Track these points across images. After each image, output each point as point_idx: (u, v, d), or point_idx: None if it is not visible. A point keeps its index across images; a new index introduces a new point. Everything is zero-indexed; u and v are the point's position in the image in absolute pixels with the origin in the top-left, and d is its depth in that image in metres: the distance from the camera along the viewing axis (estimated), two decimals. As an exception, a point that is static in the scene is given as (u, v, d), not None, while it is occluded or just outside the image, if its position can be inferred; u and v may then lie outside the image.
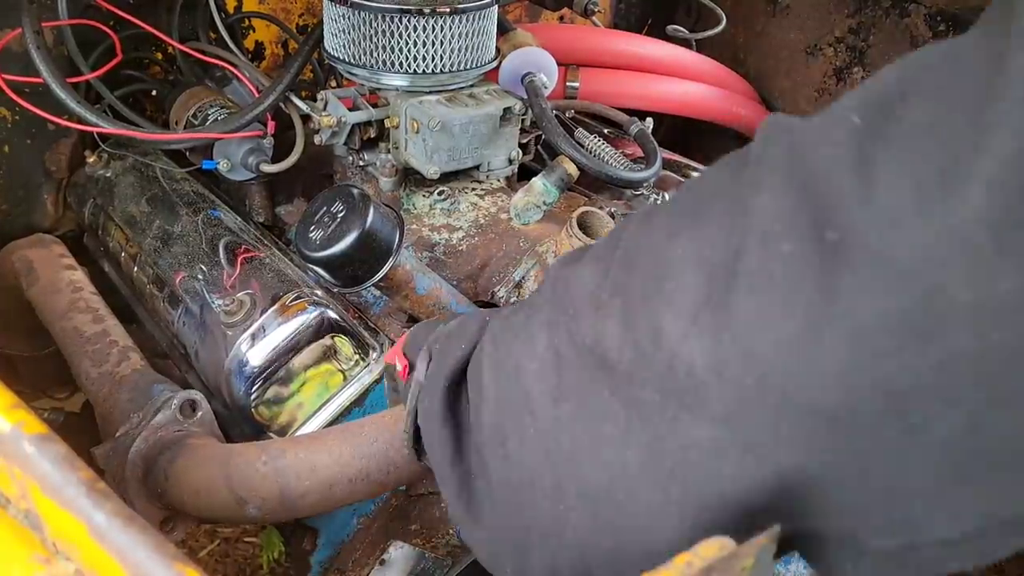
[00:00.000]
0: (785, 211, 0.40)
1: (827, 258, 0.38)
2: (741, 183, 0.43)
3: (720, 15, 1.49)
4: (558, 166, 1.06)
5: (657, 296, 0.44)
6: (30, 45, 1.02)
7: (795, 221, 0.39)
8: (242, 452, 0.72)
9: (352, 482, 0.69)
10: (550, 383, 0.49)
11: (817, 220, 0.38)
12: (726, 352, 0.41)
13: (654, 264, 0.45)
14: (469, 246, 1.06)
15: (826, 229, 0.38)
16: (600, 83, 1.47)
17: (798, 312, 0.38)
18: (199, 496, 0.71)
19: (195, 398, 0.74)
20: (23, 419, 0.46)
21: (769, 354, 0.39)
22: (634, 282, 0.46)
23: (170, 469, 0.72)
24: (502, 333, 0.54)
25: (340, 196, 0.93)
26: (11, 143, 1.20)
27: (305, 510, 0.71)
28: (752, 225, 0.41)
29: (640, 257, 0.46)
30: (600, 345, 0.46)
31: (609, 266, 0.48)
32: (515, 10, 1.67)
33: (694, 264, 0.43)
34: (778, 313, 0.39)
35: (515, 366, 0.51)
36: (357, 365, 0.90)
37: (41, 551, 0.44)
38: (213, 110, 1.17)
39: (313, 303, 0.90)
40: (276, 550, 0.98)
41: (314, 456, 0.70)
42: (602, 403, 0.46)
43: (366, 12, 1.03)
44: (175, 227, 1.08)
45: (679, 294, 0.43)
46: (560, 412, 0.48)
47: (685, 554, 0.37)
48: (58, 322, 0.99)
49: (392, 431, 0.69)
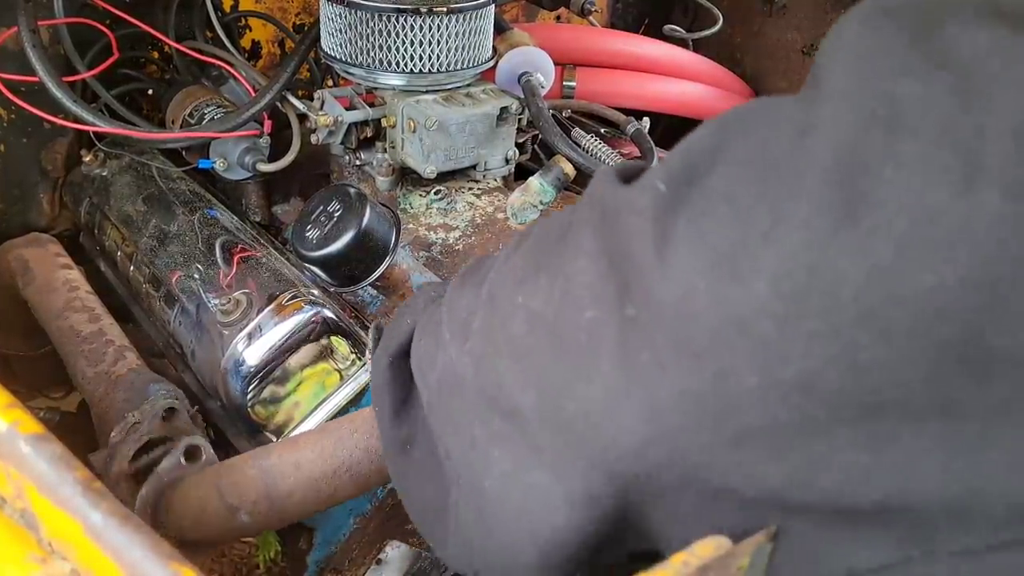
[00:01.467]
0: (594, 279, 0.41)
1: (626, 333, 0.39)
2: (566, 242, 0.45)
3: (717, 15, 1.49)
4: (555, 166, 1.06)
5: (501, 341, 0.46)
6: (26, 44, 1.02)
7: (601, 291, 0.41)
8: (231, 461, 0.73)
9: (336, 474, 0.70)
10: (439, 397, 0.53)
11: (620, 292, 0.40)
12: (546, 407, 0.43)
13: (503, 307, 0.48)
14: (466, 245, 1.06)
15: (627, 304, 0.39)
16: (597, 83, 1.47)
17: (597, 383, 0.40)
18: (196, 516, 0.71)
19: (198, 444, 0.74)
20: (19, 418, 0.46)
21: (577, 417, 0.41)
22: (489, 321, 0.49)
23: (170, 501, 0.73)
24: (419, 334, 0.57)
25: (337, 195, 0.93)
26: (7, 142, 1.19)
27: (295, 510, 0.71)
28: (567, 288, 0.43)
29: (496, 297, 0.49)
30: (464, 378, 0.49)
31: (477, 299, 0.51)
32: (512, 10, 1.67)
33: (524, 316, 0.45)
34: (582, 380, 0.41)
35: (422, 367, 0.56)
36: (354, 364, 0.90)
37: (37, 551, 0.44)
38: (209, 109, 1.17)
39: (310, 302, 0.90)
40: (272, 550, 0.98)
41: (297, 453, 0.71)
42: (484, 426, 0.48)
43: (363, 11, 1.03)
44: (171, 226, 1.07)
45: (513, 343, 0.45)
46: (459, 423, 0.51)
47: (682, 553, 0.38)
48: (54, 321, 0.99)
49: (370, 422, 0.70)
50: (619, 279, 0.40)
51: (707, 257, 0.37)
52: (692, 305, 0.37)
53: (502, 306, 0.48)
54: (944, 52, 0.34)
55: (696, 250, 0.37)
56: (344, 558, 0.89)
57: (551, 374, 0.43)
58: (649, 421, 0.38)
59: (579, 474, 0.42)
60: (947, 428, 0.34)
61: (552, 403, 0.42)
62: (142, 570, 0.40)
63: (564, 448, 0.42)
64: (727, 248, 0.36)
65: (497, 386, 0.46)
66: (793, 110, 0.39)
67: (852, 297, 0.33)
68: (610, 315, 0.40)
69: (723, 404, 0.36)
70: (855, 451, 0.35)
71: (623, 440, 0.39)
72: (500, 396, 0.46)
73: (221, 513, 0.70)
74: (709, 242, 0.37)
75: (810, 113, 0.37)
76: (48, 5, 1.10)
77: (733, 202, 0.37)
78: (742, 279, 0.35)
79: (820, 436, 0.35)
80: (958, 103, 0.33)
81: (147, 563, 0.40)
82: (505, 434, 0.46)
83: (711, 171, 0.39)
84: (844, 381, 0.34)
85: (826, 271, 0.33)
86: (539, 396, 0.43)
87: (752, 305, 0.35)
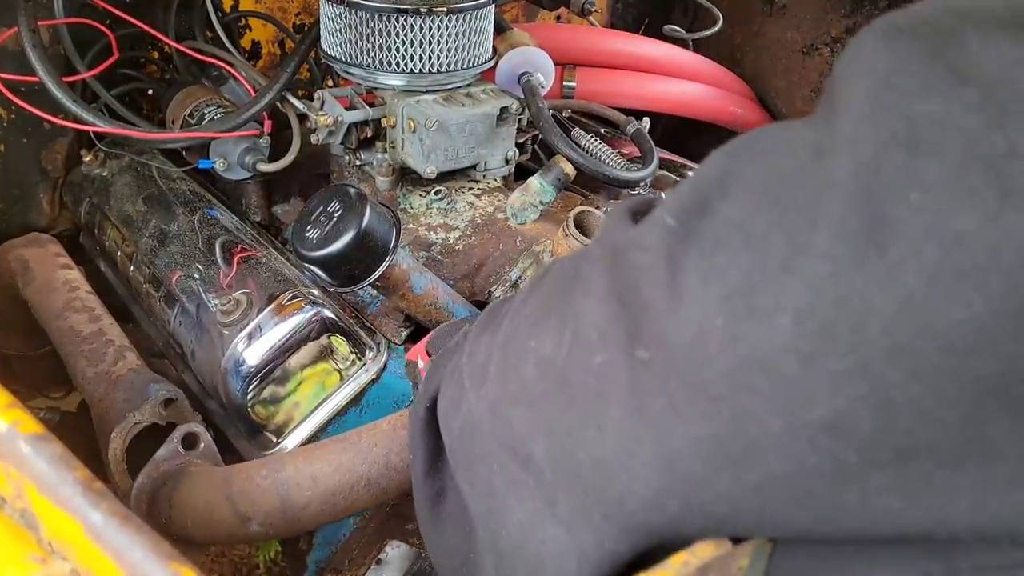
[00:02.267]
0: (603, 321, 0.39)
1: (638, 377, 0.37)
2: (576, 283, 0.43)
3: (717, 15, 1.49)
4: (555, 166, 1.06)
5: (514, 386, 0.45)
6: (26, 44, 1.02)
7: (610, 333, 0.39)
8: (242, 469, 0.72)
9: (353, 489, 0.69)
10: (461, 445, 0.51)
11: (631, 333, 0.38)
12: (557, 456, 0.41)
13: (516, 352, 0.46)
14: (466, 245, 1.06)
15: (638, 346, 0.37)
16: (597, 83, 1.47)
17: (608, 431, 0.38)
18: (202, 519, 0.70)
19: (196, 431, 0.74)
20: (19, 419, 0.46)
21: (589, 466, 0.39)
22: (503, 366, 0.47)
23: (173, 497, 0.72)
24: (445, 384, 0.56)
25: (337, 195, 0.93)
26: (7, 142, 1.19)
27: (308, 522, 0.70)
28: (577, 331, 0.41)
29: (510, 341, 0.48)
30: (481, 424, 0.48)
31: (494, 344, 0.49)
32: (512, 10, 1.67)
33: (535, 361, 0.44)
34: (593, 428, 0.39)
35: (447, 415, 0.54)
36: (353, 365, 0.90)
37: (37, 551, 0.44)
38: (209, 109, 1.17)
39: (310, 302, 0.90)
40: (272, 550, 0.98)
41: (314, 466, 0.70)
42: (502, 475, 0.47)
43: (363, 11, 1.03)
44: (171, 226, 1.07)
45: (525, 389, 0.44)
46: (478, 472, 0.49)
47: (682, 553, 0.38)
48: (54, 321, 0.99)
49: (390, 437, 0.70)
50: (629, 320, 0.38)
51: (722, 292, 0.35)
52: (708, 345, 0.35)
53: (515, 351, 0.46)
54: (966, 68, 0.32)
55: (710, 285, 0.35)
56: (344, 558, 0.89)
57: (561, 421, 0.41)
58: (664, 470, 0.36)
59: (592, 528, 0.40)
60: (982, 469, 0.32)
61: (563, 452, 0.41)
62: (142, 570, 0.40)
63: (577, 500, 0.41)
64: (743, 282, 0.34)
65: (511, 433, 0.45)
66: (807, 132, 0.37)
67: (882, 332, 0.31)
68: (620, 358, 0.38)
69: (744, 450, 0.34)
70: (887, 496, 0.33)
71: (637, 490, 0.37)
72: (515, 443, 0.44)
73: (231, 521, 0.69)
74: (723, 276, 0.35)
75: (826, 134, 0.35)
76: (48, 5, 1.10)
77: (747, 231, 0.35)
78: (761, 315, 0.33)
79: (851, 482, 0.34)
80: (984, 120, 0.31)
81: (147, 563, 0.40)
82: (521, 482, 0.44)
83: (722, 200, 0.37)
84: (876, 422, 0.32)
85: (853, 305, 0.32)
86: (549, 444, 0.42)
87: (774, 343, 0.33)
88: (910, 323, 0.31)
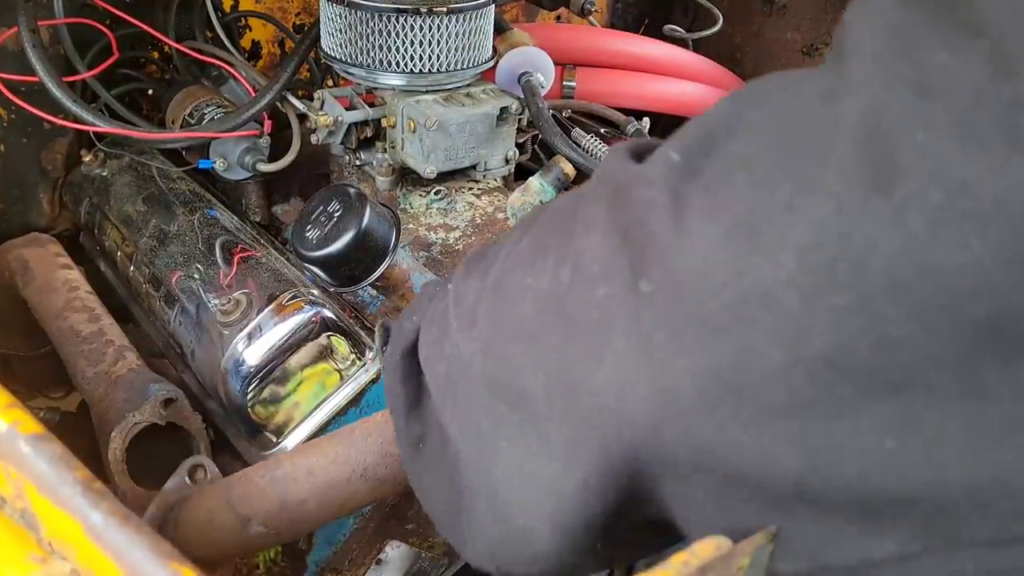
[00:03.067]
0: (605, 254, 0.40)
1: (641, 309, 0.37)
2: (576, 220, 0.43)
3: (717, 15, 1.49)
4: (555, 166, 1.06)
5: (509, 324, 0.45)
6: (26, 44, 1.02)
7: (613, 266, 0.39)
8: (241, 474, 0.72)
9: (351, 480, 0.69)
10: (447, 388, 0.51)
11: (634, 266, 0.38)
12: (556, 389, 0.41)
13: (511, 291, 0.46)
14: (466, 245, 1.06)
15: (642, 279, 0.37)
16: (597, 83, 1.47)
17: (610, 362, 0.38)
18: (203, 529, 0.70)
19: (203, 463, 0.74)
20: (19, 418, 0.46)
21: (589, 397, 0.40)
22: (496, 305, 0.47)
23: (177, 518, 0.72)
24: (426, 326, 0.56)
25: (337, 195, 0.93)
26: (7, 142, 1.19)
27: (309, 517, 0.70)
28: (579, 264, 0.41)
29: (503, 281, 0.48)
30: (471, 365, 0.48)
31: (484, 285, 0.49)
32: (512, 10, 1.67)
33: (533, 297, 0.44)
34: (595, 359, 0.39)
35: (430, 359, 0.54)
36: (354, 364, 0.90)
37: (37, 551, 0.44)
38: (209, 109, 1.17)
39: (310, 302, 0.90)
40: (272, 549, 0.98)
41: (309, 460, 0.70)
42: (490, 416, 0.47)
43: (363, 11, 1.03)
44: (171, 226, 1.07)
45: (522, 326, 0.44)
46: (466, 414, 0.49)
47: (682, 553, 0.37)
48: (54, 321, 0.99)
49: (384, 427, 0.69)
50: (633, 253, 0.38)
51: (727, 227, 0.35)
52: (712, 278, 0.35)
53: (510, 290, 0.46)
54: (976, 22, 0.32)
55: (715, 220, 0.36)
56: (344, 558, 0.89)
57: (562, 355, 0.41)
58: (665, 400, 0.37)
59: (591, 458, 0.40)
60: (974, 411, 0.33)
61: (562, 385, 0.41)
62: (142, 570, 0.40)
63: (575, 432, 0.41)
64: (748, 217, 0.35)
65: (505, 371, 0.45)
66: (816, 78, 0.37)
67: (883, 270, 0.32)
68: (624, 291, 0.38)
69: (744, 381, 0.35)
70: (880, 434, 0.34)
71: (637, 420, 0.38)
72: (508, 381, 0.44)
73: (232, 525, 0.69)
74: (728, 211, 0.35)
75: (836, 79, 0.35)
76: (48, 5, 1.10)
77: (753, 169, 0.36)
78: (766, 250, 0.34)
79: (845, 416, 0.34)
80: (992, 71, 0.31)
81: (147, 563, 0.40)
82: (513, 423, 0.45)
83: (729, 140, 0.38)
84: (872, 356, 0.33)
85: (856, 242, 0.32)
86: (548, 378, 0.42)
87: (777, 278, 0.34)
88: (911, 263, 0.31)
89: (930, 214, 0.31)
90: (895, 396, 0.33)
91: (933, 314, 0.32)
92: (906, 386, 0.33)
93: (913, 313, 0.32)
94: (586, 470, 0.41)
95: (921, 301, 0.32)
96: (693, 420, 0.36)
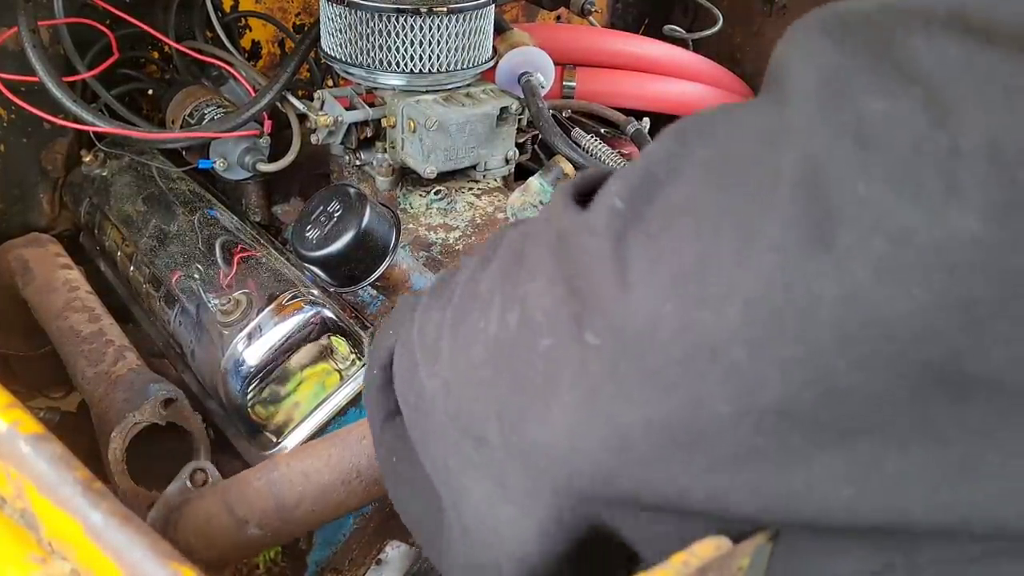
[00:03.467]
0: (550, 305, 0.40)
1: (587, 361, 0.37)
2: (524, 263, 0.43)
3: (717, 15, 1.49)
4: (555, 166, 1.06)
5: (464, 367, 0.45)
6: (26, 44, 1.02)
7: (558, 317, 0.39)
8: (238, 476, 0.72)
9: (345, 483, 0.70)
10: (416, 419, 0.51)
11: (579, 318, 0.38)
12: (509, 436, 0.42)
13: (465, 331, 0.46)
14: (466, 246, 1.06)
15: (586, 331, 0.37)
16: (597, 83, 1.47)
17: (558, 413, 0.38)
18: (201, 531, 0.70)
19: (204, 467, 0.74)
20: (19, 418, 0.46)
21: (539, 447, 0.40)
22: (453, 344, 0.47)
23: (178, 521, 0.72)
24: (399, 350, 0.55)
25: (337, 195, 0.93)
26: (7, 142, 1.19)
27: (304, 520, 0.71)
28: (524, 313, 0.41)
29: (459, 319, 0.47)
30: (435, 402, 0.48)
31: (443, 320, 0.49)
32: (512, 10, 1.67)
33: (483, 341, 0.44)
34: (542, 409, 0.39)
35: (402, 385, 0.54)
36: (354, 364, 0.90)
37: (37, 551, 0.44)
38: (209, 109, 1.17)
39: (310, 302, 0.90)
40: (272, 550, 0.98)
41: (304, 462, 0.71)
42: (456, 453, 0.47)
43: (363, 11, 1.03)
44: (171, 226, 1.07)
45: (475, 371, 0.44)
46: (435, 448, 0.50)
47: (682, 553, 0.37)
48: (54, 321, 0.99)
49: None
50: (577, 304, 0.38)
51: (671, 277, 0.35)
52: (658, 332, 0.35)
53: (463, 330, 0.46)
54: (912, 68, 0.33)
55: (659, 271, 0.36)
56: (344, 558, 0.89)
57: (511, 403, 0.41)
58: (614, 451, 0.37)
59: (545, 505, 0.41)
60: (930, 453, 0.33)
61: (514, 433, 0.41)
62: (142, 570, 0.40)
63: (529, 479, 0.41)
64: (693, 268, 0.35)
65: (464, 413, 0.45)
66: (757, 118, 0.37)
67: (828, 320, 0.32)
68: (569, 342, 0.38)
69: (695, 433, 0.35)
70: (835, 481, 0.34)
71: (588, 470, 0.38)
72: (467, 423, 0.45)
73: (229, 527, 0.69)
74: (672, 261, 0.35)
75: (777, 121, 0.35)
76: (48, 5, 1.10)
77: (696, 215, 0.36)
78: (712, 303, 0.34)
79: (798, 464, 0.34)
80: (929, 120, 0.31)
81: (147, 563, 0.40)
82: (475, 463, 0.45)
83: (671, 182, 0.38)
84: (821, 406, 0.33)
85: (801, 293, 0.32)
86: (501, 425, 0.42)
87: (724, 331, 0.33)
88: (856, 313, 0.32)
89: (873, 263, 0.31)
90: (848, 443, 0.34)
91: (880, 362, 0.32)
92: (858, 432, 0.33)
93: (860, 362, 0.32)
94: (542, 515, 0.41)
95: (867, 350, 0.32)
96: (646, 470, 0.37)
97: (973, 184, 0.30)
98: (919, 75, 0.32)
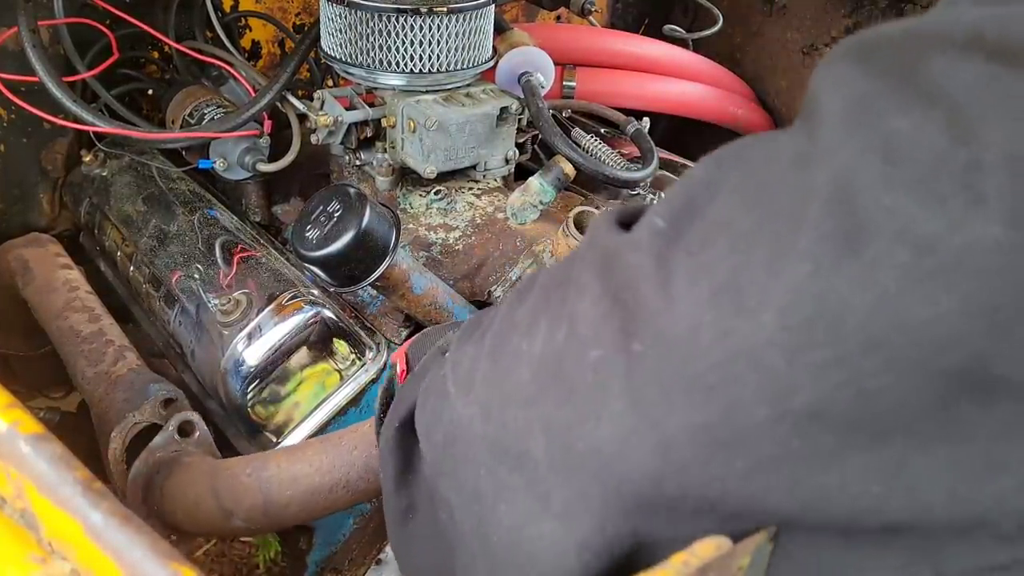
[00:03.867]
0: (597, 318, 0.42)
1: (633, 369, 0.39)
2: (568, 287, 0.45)
3: (717, 15, 1.49)
4: (555, 166, 1.06)
5: (507, 389, 0.47)
6: (26, 44, 1.02)
7: (605, 329, 0.41)
8: (229, 465, 0.73)
9: (332, 491, 0.71)
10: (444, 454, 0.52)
11: (626, 329, 0.40)
12: (556, 449, 0.43)
13: (506, 357, 0.48)
14: (466, 245, 1.06)
15: (632, 340, 0.39)
16: (597, 83, 1.47)
17: (607, 421, 0.40)
18: (189, 510, 0.72)
19: (191, 419, 0.75)
20: (19, 418, 0.46)
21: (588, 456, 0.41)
22: (493, 370, 0.49)
23: (165, 486, 0.73)
24: (423, 398, 0.57)
25: (337, 195, 0.93)
26: (7, 142, 1.19)
27: (289, 520, 0.72)
28: (572, 329, 0.43)
29: (499, 346, 0.49)
30: (470, 430, 0.49)
31: (480, 351, 0.51)
32: (512, 10, 1.67)
33: (528, 362, 0.46)
34: (592, 419, 0.41)
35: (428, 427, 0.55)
36: (353, 365, 0.90)
37: (37, 551, 0.44)
38: (209, 109, 1.17)
39: (310, 302, 0.90)
40: (272, 550, 0.98)
41: (295, 467, 0.71)
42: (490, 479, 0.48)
43: (363, 11, 1.03)
44: (171, 226, 1.07)
45: (520, 391, 0.46)
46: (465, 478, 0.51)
47: (682, 553, 0.38)
48: (54, 321, 0.99)
49: (371, 440, 0.70)
50: (624, 317, 0.40)
51: (711, 289, 0.37)
52: (699, 340, 0.37)
53: (505, 355, 0.48)
54: (933, 90, 0.35)
55: (699, 283, 0.38)
56: (344, 558, 0.89)
57: (560, 417, 0.43)
58: (660, 456, 0.38)
59: (591, 515, 0.42)
60: (954, 452, 0.35)
61: (561, 445, 0.43)
62: (142, 570, 0.40)
63: (574, 490, 0.42)
64: (730, 280, 0.37)
65: (505, 434, 0.46)
66: (789, 143, 0.39)
67: (857, 326, 0.34)
68: (616, 352, 0.40)
69: (733, 437, 0.37)
70: (865, 480, 0.36)
71: (636, 476, 0.40)
72: (508, 444, 0.46)
73: (216, 514, 0.70)
74: (711, 274, 0.37)
75: (808, 145, 0.38)
76: (48, 5, 1.10)
77: (733, 233, 0.38)
78: (748, 312, 0.36)
79: (831, 464, 0.36)
80: (950, 138, 0.33)
81: (147, 563, 0.40)
82: (512, 486, 0.46)
83: (709, 203, 0.40)
84: (852, 408, 0.35)
85: (831, 301, 0.34)
86: (548, 440, 0.43)
87: (760, 337, 0.35)
88: (883, 319, 0.33)
89: (899, 272, 0.33)
90: (878, 443, 0.35)
91: (907, 366, 0.33)
92: (887, 433, 0.35)
93: (888, 366, 0.34)
94: (585, 528, 0.42)
95: (895, 354, 0.33)
96: (691, 473, 0.38)
97: (994, 194, 0.32)
98: (941, 95, 0.34)
